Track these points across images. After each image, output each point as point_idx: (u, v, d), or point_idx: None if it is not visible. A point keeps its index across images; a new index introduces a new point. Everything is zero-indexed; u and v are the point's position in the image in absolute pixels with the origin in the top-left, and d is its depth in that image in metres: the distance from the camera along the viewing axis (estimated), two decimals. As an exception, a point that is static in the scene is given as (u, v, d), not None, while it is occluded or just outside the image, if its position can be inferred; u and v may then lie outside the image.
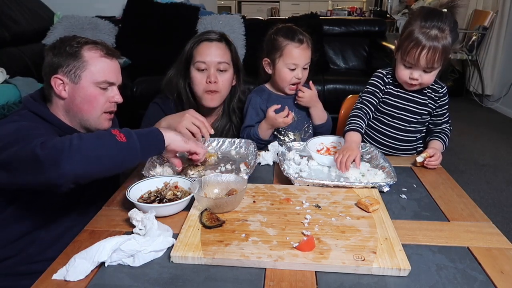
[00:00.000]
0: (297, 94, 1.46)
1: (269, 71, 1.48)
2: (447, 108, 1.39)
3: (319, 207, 0.97)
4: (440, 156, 1.27)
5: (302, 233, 0.86)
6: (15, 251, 1.05)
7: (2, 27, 2.72)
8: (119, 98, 1.16)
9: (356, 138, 1.21)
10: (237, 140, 1.37)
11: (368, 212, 0.95)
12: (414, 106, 1.36)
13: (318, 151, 1.27)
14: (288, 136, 1.49)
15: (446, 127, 1.41)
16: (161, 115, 1.37)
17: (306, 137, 1.47)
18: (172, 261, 0.79)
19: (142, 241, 0.79)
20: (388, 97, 1.38)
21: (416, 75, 1.26)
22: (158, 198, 0.99)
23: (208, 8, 3.82)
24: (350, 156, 1.12)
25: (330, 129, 1.55)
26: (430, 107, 1.37)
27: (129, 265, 0.78)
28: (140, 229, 0.85)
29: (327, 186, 1.08)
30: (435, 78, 1.35)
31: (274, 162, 1.27)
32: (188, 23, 3.18)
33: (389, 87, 1.38)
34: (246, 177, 1.08)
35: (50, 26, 3.14)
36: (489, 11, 4.35)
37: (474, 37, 4.43)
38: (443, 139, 1.37)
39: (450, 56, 1.26)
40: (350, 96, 1.79)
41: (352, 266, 0.76)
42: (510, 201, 2.49)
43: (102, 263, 0.78)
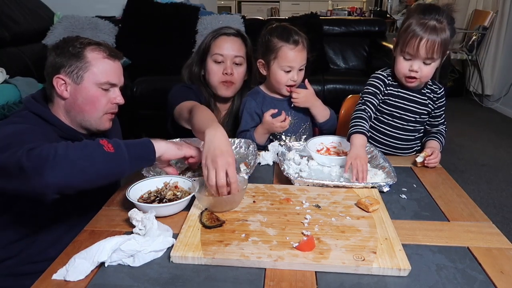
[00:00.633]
0: (291, 96, 1.43)
1: (264, 72, 1.46)
2: (444, 110, 1.41)
3: (319, 207, 0.97)
4: (439, 154, 1.27)
5: (302, 233, 0.86)
6: (15, 251, 1.05)
7: (2, 27, 2.72)
8: (120, 100, 1.17)
9: (363, 142, 1.18)
10: (237, 140, 1.37)
11: (368, 212, 0.95)
12: (414, 105, 1.36)
13: (318, 151, 1.27)
14: (283, 140, 1.45)
15: (442, 128, 1.43)
16: (189, 91, 1.48)
17: (302, 141, 1.45)
18: (172, 261, 0.79)
19: (142, 241, 0.79)
20: (389, 98, 1.38)
21: (416, 67, 1.25)
22: (158, 198, 0.99)
23: (208, 8, 3.82)
24: (364, 165, 1.10)
25: (335, 123, 1.55)
26: (429, 107, 1.37)
27: (129, 265, 0.78)
28: (140, 229, 0.85)
29: (327, 186, 1.08)
30: (434, 79, 1.36)
31: (274, 162, 1.27)
32: (188, 23, 3.19)
33: (390, 88, 1.38)
34: (246, 177, 1.08)
35: (50, 26, 3.15)
36: (489, 11, 4.35)
37: (474, 37, 4.43)
38: (439, 139, 1.39)
39: (448, 52, 1.26)
40: (350, 96, 1.79)
41: (352, 266, 0.76)
42: (510, 201, 2.49)
43: (102, 263, 0.77)
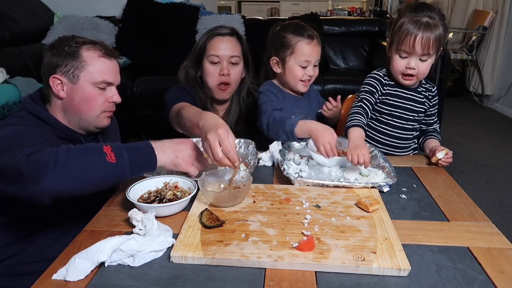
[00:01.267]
0: (321, 102, 1.46)
1: (278, 70, 1.44)
2: (437, 108, 1.43)
3: (319, 207, 0.97)
4: (452, 154, 1.28)
5: (302, 233, 0.86)
6: (15, 251, 1.05)
7: (2, 27, 2.72)
8: (117, 98, 1.16)
9: (361, 134, 1.19)
10: (237, 140, 1.37)
11: (368, 212, 0.95)
12: (412, 104, 1.37)
13: (318, 151, 1.27)
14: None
15: (436, 127, 1.45)
16: (185, 92, 1.49)
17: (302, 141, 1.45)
18: (172, 261, 0.79)
19: (142, 241, 0.79)
20: (387, 97, 1.38)
21: (413, 64, 1.26)
22: (158, 198, 0.99)
23: (208, 8, 3.82)
24: (365, 153, 1.10)
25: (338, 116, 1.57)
26: (425, 105, 1.39)
27: (129, 265, 0.78)
28: (140, 229, 0.85)
29: (327, 186, 1.08)
30: (426, 78, 1.37)
31: (274, 162, 1.26)
32: (188, 23, 3.19)
33: (387, 88, 1.38)
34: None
35: (50, 26, 3.14)
36: (489, 11, 4.35)
37: (474, 37, 4.43)
38: (438, 138, 1.41)
39: (442, 48, 1.27)
40: (350, 96, 1.79)
41: (352, 266, 0.76)
42: (510, 201, 2.50)
43: (102, 263, 0.77)
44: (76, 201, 1.12)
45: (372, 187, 1.07)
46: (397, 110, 1.37)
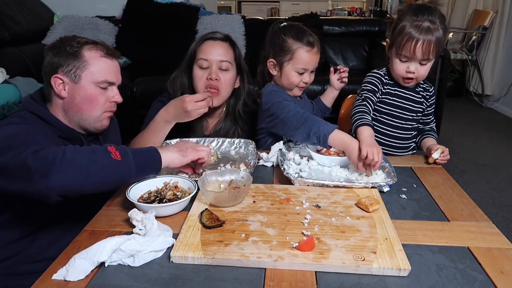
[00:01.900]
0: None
1: (274, 72, 1.43)
2: (434, 108, 1.44)
3: (319, 207, 0.97)
4: (448, 151, 1.28)
5: (302, 233, 0.86)
6: (15, 251, 1.05)
7: (2, 27, 2.72)
8: (119, 98, 1.17)
9: (371, 133, 1.17)
10: (237, 140, 1.37)
11: (368, 212, 0.95)
12: (411, 104, 1.37)
13: (318, 151, 1.27)
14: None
15: (433, 126, 1.46)
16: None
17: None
18: (172, 261, 0.79)
19: (142, 241, 0.79)
20: (387, 96, 1.38)
21: (413, 68, 1.27)
22: (158, 198, 0.99)
23: (208, 8, 3.82)
24: (379, 153, 1.09)
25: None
26: (423, 105, 1.40)
27: (129, 265, 0.78)
28: (140, 229, 0.85)
29: (327, 186, 1.08)
30: (425, 79, 1.38)
31: (273, 162, 1.26)
32: (188, 23, 3.19)
33: (387, 87, 1.39)
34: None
35: (50, 26, 3.14)
36: (489, 11, 4.35)
37: (474, 37, 4.43)
38: (435, 137, 1.42)
39: (441, 49, 1.27)
40: (350, 96, 1.80)
41: (352, 266, 0.76)
42: (510, 201, 2.49)
43: (102, 263, 0.78)
44: (76, 201, 1.12)
45: (372, 187, 1.07)
46: (397, 110, 1.37)
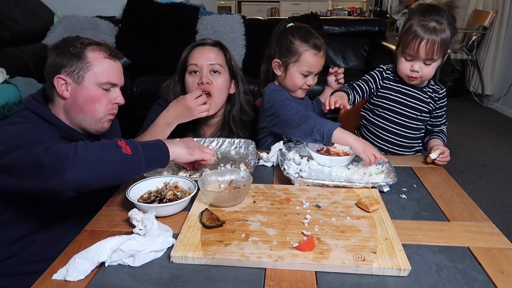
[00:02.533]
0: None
1: (279, 72, 1.43)
2: (445, 110, 1.43)
3: (319, 207, 0.97)
4: (449, 153, 1.28)
5: (302, 233, 0.86)
6: (15, 251, 1.05)
7: (2, 27, 2.72)
8: (121, 100, 1.17)
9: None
10: (237, 140, 1.37)
11: (368, 212, 0.95)
12: (415, 102, 1.37)
13: (318, 151, 1.27)
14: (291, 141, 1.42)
15: (444, 128, 1.45)
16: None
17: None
18: (172, 261, 0.79)
19: (142, 241, 0.79)
20: (389, 92, 1.39)
21: (417, 67, 1.27)
22: (158, 198, 0.99)
23: (208, 8, 3.82)
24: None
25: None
26: (430, 106, 1.38)
27: (129, 265, 0.78)
28: (140, 229, 0.85)
29: (327, 186, 1.08)
30: (435, 79, 1.38)
31: (274, 162, 1.26)
32: (188, 23, 3.18)
33: (387, 82, 1.39)
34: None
35: (50, 26, 3.14)
36: (489, 11, 4.35)
37: (474, 37, 4.42)
38: (442, 138, 1.41)
39: (449, 51, 1.27)
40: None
41: (352, 266, 0.76)
42: (510, 201, 2.49)
43: (102, 263, 0.78)
44: (76, 201, 1.12)
45: (372, 187, 1.07)
46: (399, 106, 1.37)
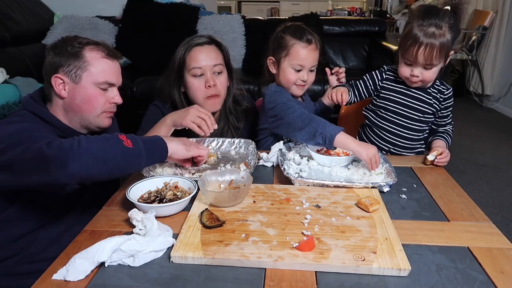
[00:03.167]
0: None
1: (273, 70, 1.44)
2: (451, 110, 1.40)
3: (319, 207, 0.97)
4: (449, 153, 1.28)
5: (302, 233, 0.86)
6: (15, 250, 1.05)
7: (2, 27, 2.72)
8: (119, 99, 1.17)
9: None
10: (237, 140, 1.37)
11: (368, 212, 0.95)
12: (418, 103, 1.35)
13: (318, 151, 1.27)
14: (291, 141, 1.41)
15: (449, 128, 1.43)
16: (160, 116, 1.37)
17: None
18: (172, 261, 0.79)
19: (142, 241, 0.79)
20: (391, 93, 1.38)
21: (417, 72, 1.27)
22: (158, 198, 0.99)
23: (208, 8, 3.82)
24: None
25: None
26: (434, 107, 1.36)
27: (129, 265, 0.78)
28: (140, 229, 0.85)
29: (327, 186, 1.08)
30: (441, 79, 1.36)
31: (274, 162, 1.26)
32: (188, 23, 3.19)
33: (388, 82, 1.39)
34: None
35: (50, 26, 3.15)
36: (489, 11, 4.35)
37: (474, 37, 4.42)
38: (446, 139, 1.39)
39: (451, 52, 1.26)
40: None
41: (352, 266, 0.76)
42: (510, 201, 2.49)
43: (102, 263, 0.78)
44: (77, 200, 1.12)
45: (372, 187, 1.07)
46: (402, 108, 1.36)
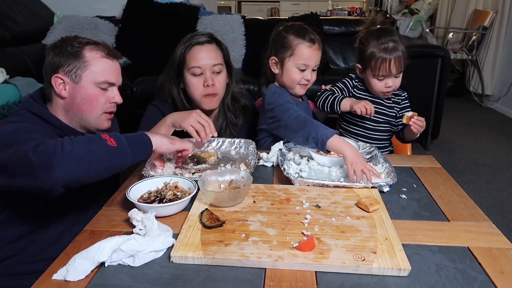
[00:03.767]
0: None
1: (276, 70, 1.43)
2: (409, 111, 1.53)
3: (319, 207, 0.97)
4: (424, 119, 1.42)
5: (302, 233, 0.86)
6: (15, 251, 1.05)
7: (2, 27, 2.72)
8: (119, 99, 1.17)
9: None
10: (237, 140, 1.37)
11: (368, 212, 0.95)
12: (381, 108, 1.51)
13: (318, 151, 1.27)
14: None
15: None
16: (160, 116, 1.37)
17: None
18: (172, 261, 0.79)
19: (142, 241, 0.79)
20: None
21: (390, 83, 1.43)
22: (158, 198, 0.99)
23: (208, 8, 3.82)
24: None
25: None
26: (395, 109, 1.54)
27: (129, 265, 0.78)
28: (140, 229, 0.85)
29: (327, 186, 1.08)
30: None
31: (274, 162, 1.26)
32: (188, 23, 3.18)
33: (356, 91, 1.53)
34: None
35: (50, 26, 3.15)
36: (489, 11, 4.35)
37: (474, 37, 4.42)
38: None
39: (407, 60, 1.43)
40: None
41: (352, 266, 0.76)
42: (510, 201, 2.49)
43: (102, 263, 0.78)
44: (76, 200, 1.12)
45: (372, 187, 1.07)
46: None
